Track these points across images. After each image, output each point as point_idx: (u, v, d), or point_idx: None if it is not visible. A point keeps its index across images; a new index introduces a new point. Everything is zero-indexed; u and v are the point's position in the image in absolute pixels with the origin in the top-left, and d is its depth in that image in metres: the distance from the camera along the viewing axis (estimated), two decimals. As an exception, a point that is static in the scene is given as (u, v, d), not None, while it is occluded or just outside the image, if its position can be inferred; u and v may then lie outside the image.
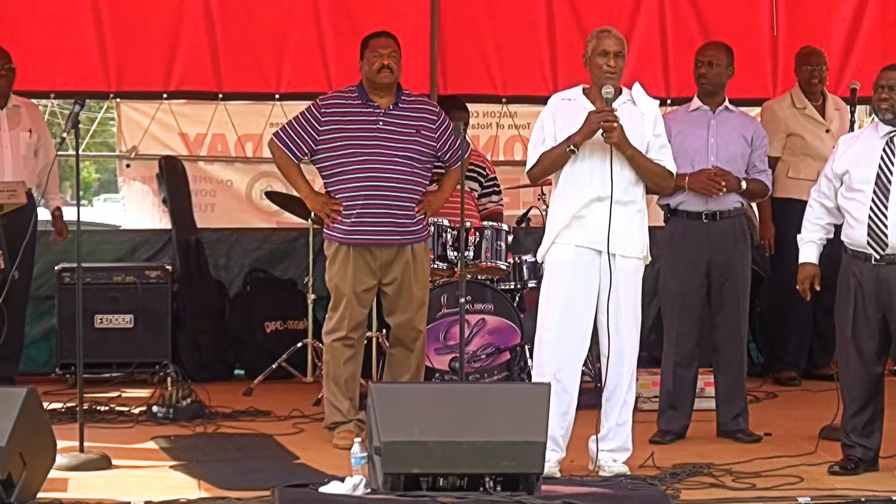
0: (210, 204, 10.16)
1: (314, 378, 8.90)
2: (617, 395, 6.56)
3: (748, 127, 7.52)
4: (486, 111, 10.33)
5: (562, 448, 6.51)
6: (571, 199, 6.51)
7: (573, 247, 6.49)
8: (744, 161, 7.43)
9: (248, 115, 10.11)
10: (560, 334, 6.49)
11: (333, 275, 7.32)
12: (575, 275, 6.48)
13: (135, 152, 10.08)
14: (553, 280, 6.56)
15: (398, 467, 5.48)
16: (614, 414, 6.57)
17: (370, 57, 7.24)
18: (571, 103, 6.60)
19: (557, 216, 6.57)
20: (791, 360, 9.34)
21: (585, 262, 6.48)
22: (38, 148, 8.75)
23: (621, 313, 6.51)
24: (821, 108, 9.11)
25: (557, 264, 6.54)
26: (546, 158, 6.54)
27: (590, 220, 6.47)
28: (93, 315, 9.02)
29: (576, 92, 6.65)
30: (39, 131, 8.83)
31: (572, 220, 6.48)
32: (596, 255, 6.49)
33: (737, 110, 7.57)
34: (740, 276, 7.40)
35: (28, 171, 8.66)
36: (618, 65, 6.49)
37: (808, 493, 6.05)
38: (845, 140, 6.82)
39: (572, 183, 6.52)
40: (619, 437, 6.57)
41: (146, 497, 5.95)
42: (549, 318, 6.54)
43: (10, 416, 5.56)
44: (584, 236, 6.48)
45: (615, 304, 6.50)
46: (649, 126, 6.58)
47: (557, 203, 6.59)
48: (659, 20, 10.14)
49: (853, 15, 10.20)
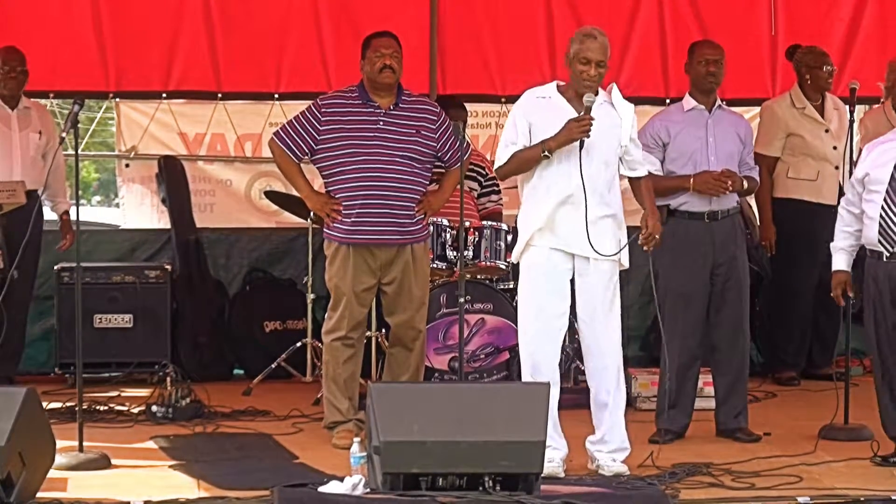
0: (209, 204, 10.16)
1: (313, 378, 8.90)
2: (602, 398, 6.56)
3: (740, 125, 7.53)
4: (486, 111, 10.33)
5: (561, 445, 6.51)
6: (544, 201, 6.47)
7: (547, 249, 6.48)
8: (738, 158, 7.43)
9: (247, 114, 10.11)
10: (536, 337, 6.50)
11: (333, 274, 7.32)
12: (548, 278, 6.47)
13: (134, 152, 10.08)
14: (528, 284, 6.55)
15: (397, 467, 5.49)
16: (605, 416, 6.56)
17: (372, 57, 7.24)
18: (546, 101, 6.53)
19: (530, 218, 6.53)
20: (791, 360, 9.33)
21: (558, 265, 6.47)
22: (46, 150, 8.75)
23: (596, 315, 6.51)
24: (820, 107, 9.11)
25: (531, 267, 6.53)
26: (518, 159, 6.50)
27: (562, 223, 6.45)
28: (92, 315, 9.02)
29: (550, 89, 6.58)
30: (49, 134, 8.83)
31: (545, 223, 6.46)
32: (569, 258, 6.49)
33: (727, 108, 7.57)
34: (742, 275, 7.40)
35: (36, 173, 8.65)
36: (599, 74, 6.42)
37: (808, 493, 6.05)
38: (868, 146, 7.01)
39: (545, 184, 6.49)
40: (615, 437, 6.56)
41: (145, 497, 5.95)
42: (525, 321, 6.55)
43: (9, 415, 5.56)
44: (557, 239, 6.47)
45: (590, 306, 6.50)
46: (626, 129, 6.54)
47: (529, 204, 6.56)
48: (658, 20, 10.13)
49: (852, 15, 10.20)
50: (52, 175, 8.69)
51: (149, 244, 9.82)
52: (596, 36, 6.47)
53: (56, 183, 8.77)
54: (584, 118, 6.37)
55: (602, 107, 6.51)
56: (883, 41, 10.18)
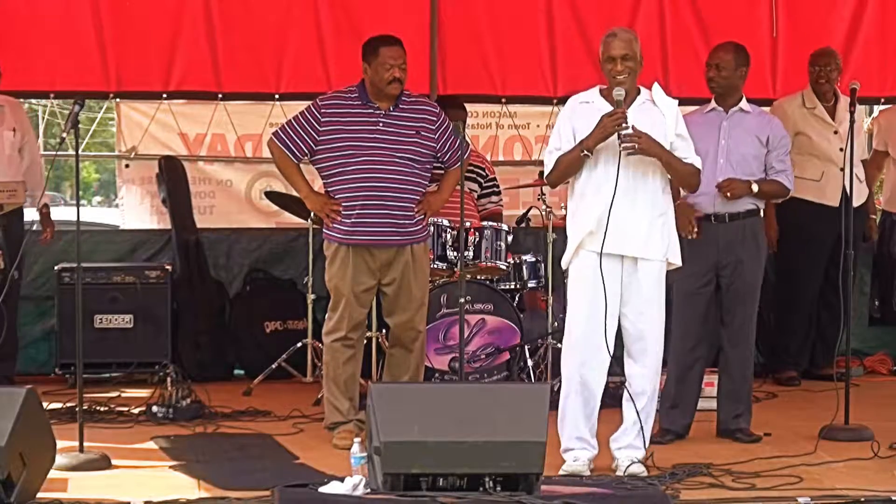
0: (209, 205, 10.17)
1: (314, 378, 8.90)
2: (641, 396, 6.57)
3: (764, 128, 7.42)
4: (486, 111, 10.34)
5: (592, 446, 6.56)
6: (592, 205, 6.50)
7: (596, 254, 6.47)
8: (758, 162, 7.37)
9: (247, 115, 10.12)
10: (584, 339, 6.51)
11: (333, 275, 7.32)
12: (597, 282, 6.46)
13: (134, 152, 10.09)
14: (577, 287, 6.58)
15: (398, 467, 5.48)
16: (633, 413, 6.57)
17: (380, 68, 7.19)
18: (589, 106, 6.57)
19: (578, 223, 6.56)
20: (793, 359, 9.34)
21: (608, 269, 6.47)
22: (22, 146, 8.65)
23: (643, 315, 6.53)
24: (832, 108, 9.10)
25: (581, 271, 6.55)
26: (562, 163, 6.54)
27: (611, 225, 6.44)
28: (92, 315, 9.01)
29: (593, 94, 6.63)
30: (23, 130, 8.71)
31: (595, 226, 6.47)
32: (618, 260, 6.50)
33: (754, 110, 7.48)
34: (748, 278, 7.36)
35: (13, 171, 8.55)
36: (626, 67, 6.47)
37: (808, 493, 6.04)
38: None
39: (592, 187, 6.51)
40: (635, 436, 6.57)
41: (146, 497, 5.94)
42: (573, 323, 6.57)
43: (9, 416, 5.55)
44: (608, 241, 6.45)
45: (638, 306, 6.52)
46: (671, 126, 6.55)
47: (577, 209, 6.59)
48: (658, 20, 10.14)
49: (853, 15, 10.19)
50: (29, 170, 8.66)
51: (149, 244, 9.82)
52: (617, 33, 6.57)
53: (34, 177, 8.67)
54: (616, 112, 6.40)
55: (644, 105, 6.54)
56: (883, 41, 10.19)
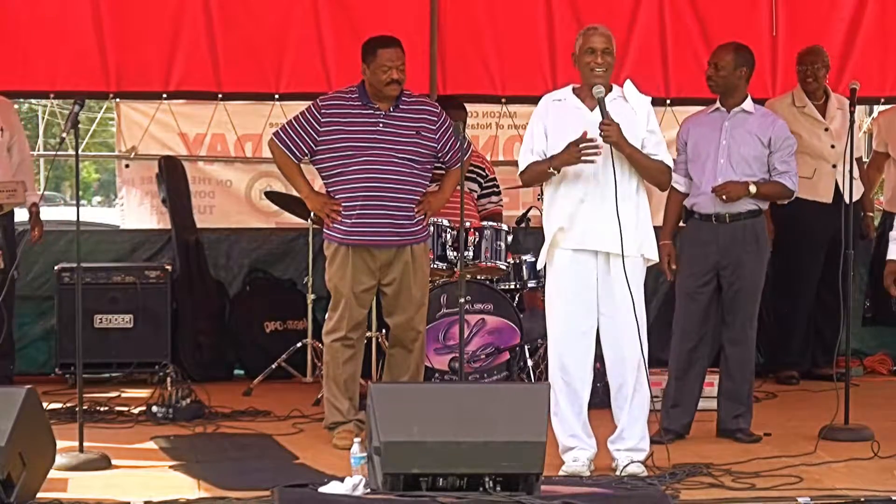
0: (209, 205, 10.16)
1: (314, 378, 8.91)
2: (624, 393, 6.55)
3: (766, 129, 7.39)
4: (486, 111, 10.33)
5: (590, 444, 6.56)
6: (564, 201, 6.52)
7: (570, 250, 6.50)
8: (759, 163, 7.35)
9: (247, 115, 10.12)
10: (565, 337, 6.52)
11: (333, 275, 7.32)
12: (574, 278, 6.49)
13: (134, 152, 10.08)
14: (554, 285, 6.59)
15: (398, 467, 5.48)
16: (623, 414, 6.56)
17: (378, 69, 7.19)
18: (562, 104, 6.59)
19: (551, 220, 6.58)
20: (793, 359, 9.34)
21: (582, 264, 6.49)
22: (10, 145, 8.60)
23: (618, 311, 6.50)
24: (822, 106, 9.13)
25: (557, 269, 6.56)
26: (533, 171, 6.59)
27: (584, 221, 6.47)
28: (92, 315, 9.02)
29: (566, 92, 6.64)
30: (11, 129, 8.63)
31: (567, 222, 6.49)
32: (592, 256, 6.50)
33: (758, 111, 7.46)
34: (749, 279, 7.35)
35: (2, 170, 8.52)
36: (605, 61, 6.48)
37: (808, 494, 6.04)
38: None
39: (565, 184, 6.52)
40: (633, 435, 6.56)
41: (146, 497, 5.94)
42: (554, 322, 6.58)
43: (9, 416, 5.55)
44: (580, 237, 6.48)
45: (612, 303, 6.51)
46: (642, 122, 6.55)
47: (550, 207, 6.60)
48: (658, 20, 10.13)
49: (853, 15, 10.19)
50: (18, 169, 8.63)
51: (149, 244, 9.82)
52: (597, 27, 6.58)
53: (23, 176, 8.62)
54: (587, 143, 6.36)
55: (616, 102, 6.53)
56: (883, 41, 10.19)
